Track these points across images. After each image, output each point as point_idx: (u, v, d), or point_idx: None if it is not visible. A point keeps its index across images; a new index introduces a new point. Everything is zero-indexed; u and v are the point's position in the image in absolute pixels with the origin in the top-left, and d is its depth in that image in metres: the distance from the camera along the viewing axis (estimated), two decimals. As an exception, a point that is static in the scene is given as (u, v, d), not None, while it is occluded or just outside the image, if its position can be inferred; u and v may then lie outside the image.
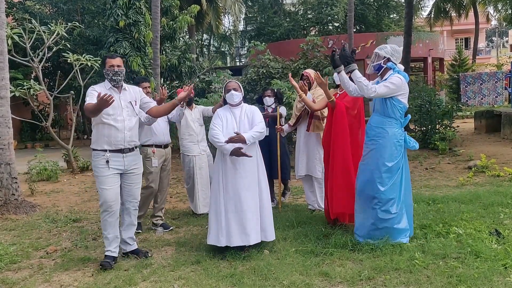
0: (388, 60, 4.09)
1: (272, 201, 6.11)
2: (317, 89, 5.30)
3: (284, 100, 8.32)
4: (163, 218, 5.21)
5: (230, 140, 3.97)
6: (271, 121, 5.81)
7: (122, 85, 4.02)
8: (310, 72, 5.40)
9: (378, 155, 4.06)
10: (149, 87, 5.03)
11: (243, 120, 4.17)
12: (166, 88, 4.86)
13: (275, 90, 6.19)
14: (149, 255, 4.14)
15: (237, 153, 3.97)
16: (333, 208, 4.58)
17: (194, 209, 5.59)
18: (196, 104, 6.02)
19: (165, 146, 5.14)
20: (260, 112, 4.31)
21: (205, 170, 5.54)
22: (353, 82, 4.08)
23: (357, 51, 4.31)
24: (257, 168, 4.16)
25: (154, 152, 4.96)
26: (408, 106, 4.10)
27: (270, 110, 5.97)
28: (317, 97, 5.28)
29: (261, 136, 4.16)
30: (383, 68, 4.10)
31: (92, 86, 4.00)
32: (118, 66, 3.95)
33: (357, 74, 3.96)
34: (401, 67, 4.13)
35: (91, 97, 3.81)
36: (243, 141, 3.97)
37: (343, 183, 4.54)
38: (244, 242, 4.00)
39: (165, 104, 4.41)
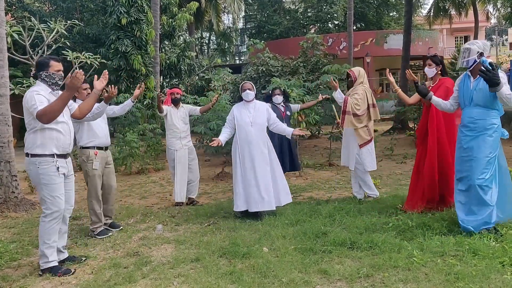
0: (481, 54, 4.10)
1: None
2: (357, 87, 5.60)
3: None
4: (111, 217, 5.16)
5: None
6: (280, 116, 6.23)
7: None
8: (355, 70, 5.73)
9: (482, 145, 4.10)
10: (88, 87, 4.82)
11: (256, 112, 5.26)
12: (115, 87, 4.55)
13: (283, 89, 6.81)
14: (83, 259, 4.04)
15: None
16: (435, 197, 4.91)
17: (174, 197, 6.14)
18: (193, 103, 6.28)
19: (106, 148, 4.97)
20: (271, 110, 5.39)
21: (183, 164, 6.07)
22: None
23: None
24: (267, 149, 5.20)
25: (96, 154, 4.80)
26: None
27: (282, 108, 6.53)
28: (353, 95, 5.56)
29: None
30: (476, 63, 4.10)
31: (30, 91, 3.68)
32: (62, 71, 3.88)
33: (505, 90, 3.85)
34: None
35: (42, 102, 3.56)
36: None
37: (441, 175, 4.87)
38: (259, 208, 5.04)
39: (87, 99, 4.16)
